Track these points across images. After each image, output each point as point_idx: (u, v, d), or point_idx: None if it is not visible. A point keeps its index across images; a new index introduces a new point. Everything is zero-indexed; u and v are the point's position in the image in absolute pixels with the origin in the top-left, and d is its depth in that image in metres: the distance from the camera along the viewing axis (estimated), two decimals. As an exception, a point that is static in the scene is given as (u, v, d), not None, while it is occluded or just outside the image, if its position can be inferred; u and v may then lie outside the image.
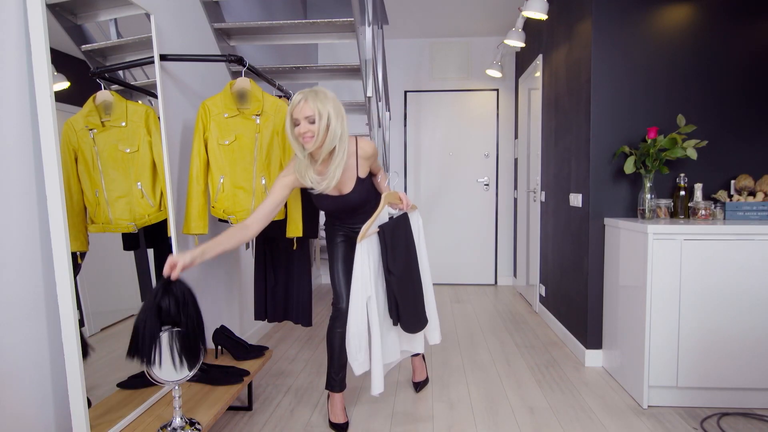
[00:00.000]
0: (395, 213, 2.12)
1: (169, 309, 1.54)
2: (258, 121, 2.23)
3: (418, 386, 2.53)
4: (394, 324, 2.05)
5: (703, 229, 2.30)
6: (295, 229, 2.26)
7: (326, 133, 1.86)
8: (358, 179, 2.03)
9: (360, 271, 1.94)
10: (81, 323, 1.55)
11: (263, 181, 2.22)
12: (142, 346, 1.50)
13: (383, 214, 2.04)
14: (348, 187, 2.03)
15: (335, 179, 1.92)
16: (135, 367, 1.80)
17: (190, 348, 1.58)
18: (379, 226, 2.01)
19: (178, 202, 2.36)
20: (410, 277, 2.08)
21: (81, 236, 1.60)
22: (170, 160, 2.20)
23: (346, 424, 2.17)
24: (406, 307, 2.03)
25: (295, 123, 1.87)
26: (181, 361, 1.57)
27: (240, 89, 2.22)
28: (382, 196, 2.04)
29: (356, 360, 1.96)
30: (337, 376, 2.18)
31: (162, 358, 1.54)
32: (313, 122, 1.84)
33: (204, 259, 1.66)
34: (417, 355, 2.53)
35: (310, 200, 2.38)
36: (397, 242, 2.04)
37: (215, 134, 2.23)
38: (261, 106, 2.22)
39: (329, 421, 2.19)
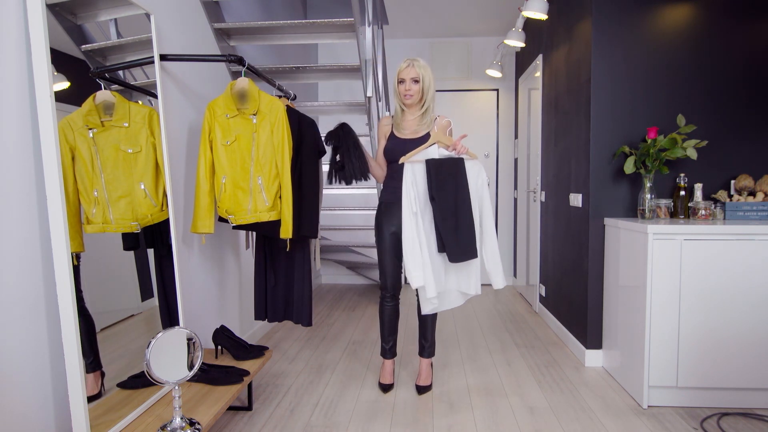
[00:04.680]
0: (451, 155, 2.29)
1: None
2: (255, 120, 2.23)
3: (421, 390, 2.53)
4: (439, 251, 2.26)
5: (703, 229, 2.30)
6: (286, 230, 2.26)
7: (422, 93, 2.35)
8: (429, 133, 2.41)
9: (406, 191, 2.25)
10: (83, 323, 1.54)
11: (260, 181, 2.22)
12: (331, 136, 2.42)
13: (431, 150, 2.28)
14: (421, 134, 2.41)
15: (424, 126, 2.39)
16: (134, 367, 1.81)
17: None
18: (426, 160, 2.26)
19: (184, 202, 2.36)
20: (453, 211, 2.24)
21: (78, 237, 1.59)
22: (171, 160, 2.20)
23: (391, 385, 2.57)
24: (446, 236, 2.22)
25: (400, 81, 2.36)
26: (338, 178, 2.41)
27: (239, 89, 2.23)
28: (432, 134, 2.32)
29: (411, 274, 2.25)
30: (387, 345, 2.60)
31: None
32: (416, 82, 2.33)
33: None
34: (426, 358, 2.61)
35: (310, 201, 2.39)
36: (443, 178, 2.24)
37: (219, 135, 2.24)
38: (257, 106, 2.23)
39: (379, 382, 2.60)
